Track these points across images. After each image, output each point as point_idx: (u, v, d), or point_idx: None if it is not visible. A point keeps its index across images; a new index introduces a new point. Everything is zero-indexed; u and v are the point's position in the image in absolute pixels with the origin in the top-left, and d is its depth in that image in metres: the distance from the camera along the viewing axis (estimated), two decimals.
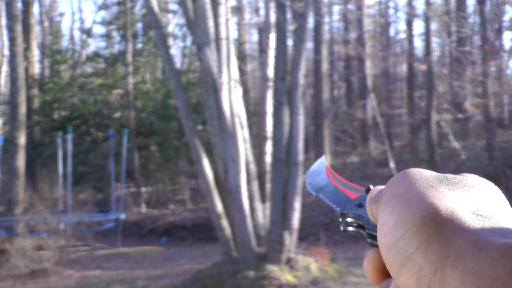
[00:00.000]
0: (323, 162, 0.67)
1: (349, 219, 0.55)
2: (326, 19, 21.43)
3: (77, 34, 25.42)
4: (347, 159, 18.31)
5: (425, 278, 0.40)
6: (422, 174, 0.47)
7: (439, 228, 0.41)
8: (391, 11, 23.36)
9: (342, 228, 0.56)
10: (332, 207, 0.61)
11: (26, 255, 9.91)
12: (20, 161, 11.81)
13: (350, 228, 0.55)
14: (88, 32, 19.99)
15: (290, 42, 9.70)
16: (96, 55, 17.58)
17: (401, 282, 0.41)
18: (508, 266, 0.37)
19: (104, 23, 19.40)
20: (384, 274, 0.49)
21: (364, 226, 0.53)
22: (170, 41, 17.72)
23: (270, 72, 9.96)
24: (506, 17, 19.36)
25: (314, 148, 17.09)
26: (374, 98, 17.35)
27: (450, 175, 0.47)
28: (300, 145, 7.92)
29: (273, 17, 9.79)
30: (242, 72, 15.48)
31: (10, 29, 12.37)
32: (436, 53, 21.43)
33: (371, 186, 0.55)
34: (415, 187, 0.45)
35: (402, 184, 0.46)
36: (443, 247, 0.40)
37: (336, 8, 23.98)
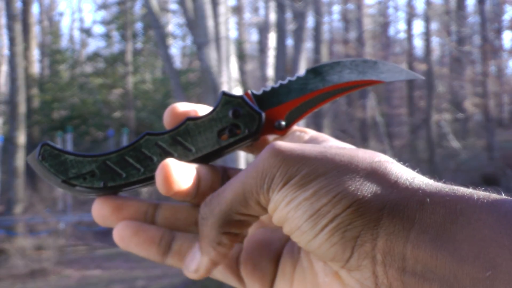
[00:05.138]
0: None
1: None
2: (326, 19, 21.43)
3: (76, 33, 25.45)
4: None
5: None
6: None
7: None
8: (391, 10, 23.37)
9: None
10: None
11: (26, 255, 9.90)
12: (20, 160, 11.80)
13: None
14: (87, 32, 20.00)
15: (290, 41, 9.70)
16: (96, 54, 17.58)
17: (316, 244, 0.39)
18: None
19: (104, 22, 19.39)
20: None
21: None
22: (170, 40, 17.72)
23: (270, 71, 9.95)
24: (506, 17, 19.34)
25: None
26: (374, 98, 17.34)
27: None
28: None
29: (272, 16, 9.79)
30: (242, 71, 15.47)
31: (10, 28, 12.36)
32: (436, 53, 21.42)
33: None
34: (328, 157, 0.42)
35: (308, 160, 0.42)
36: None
37: (336, 8, 23.98)
